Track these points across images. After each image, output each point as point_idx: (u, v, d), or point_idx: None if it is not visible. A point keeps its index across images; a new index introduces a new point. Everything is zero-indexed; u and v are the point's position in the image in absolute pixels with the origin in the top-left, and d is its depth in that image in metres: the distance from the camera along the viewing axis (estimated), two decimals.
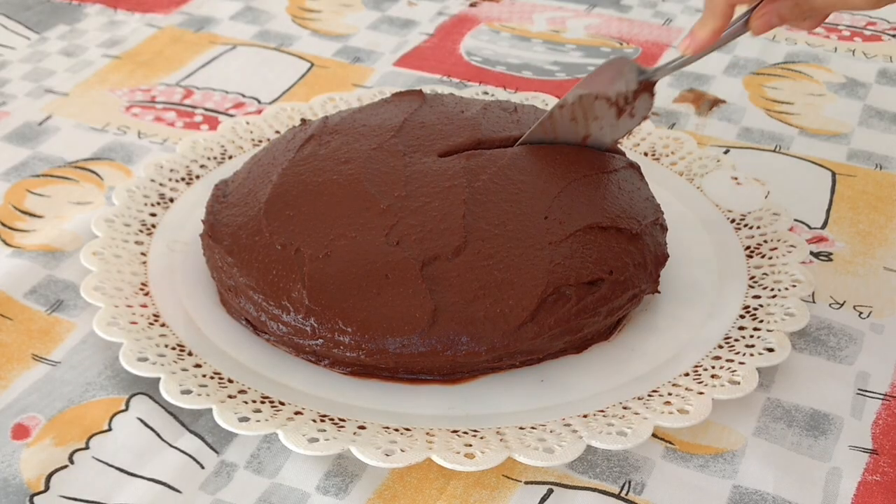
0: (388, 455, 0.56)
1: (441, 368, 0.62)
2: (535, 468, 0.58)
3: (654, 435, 0.59)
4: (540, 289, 0.61)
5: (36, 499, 0.57)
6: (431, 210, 0.65)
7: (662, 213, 0.70)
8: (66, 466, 0.59)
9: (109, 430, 0.61)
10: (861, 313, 0.69)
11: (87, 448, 0.60)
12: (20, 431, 0.61)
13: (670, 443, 0.60)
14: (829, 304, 0.70)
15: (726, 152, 0.85)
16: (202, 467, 0.59)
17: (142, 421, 0.61)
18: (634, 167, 0.72)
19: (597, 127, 0.71)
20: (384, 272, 0.62)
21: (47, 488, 0.58)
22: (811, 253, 0.74)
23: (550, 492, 0.58)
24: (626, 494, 0.58)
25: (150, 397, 0.63)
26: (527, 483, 0.58)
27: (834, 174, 0.83)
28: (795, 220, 0.77)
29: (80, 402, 0.63)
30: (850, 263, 0.73)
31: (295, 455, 0.59)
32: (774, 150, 0.86)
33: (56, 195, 0.80)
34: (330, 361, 0.63)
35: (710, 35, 0.63)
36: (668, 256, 0.68)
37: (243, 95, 0.93)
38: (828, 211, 0.79)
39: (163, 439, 0.60)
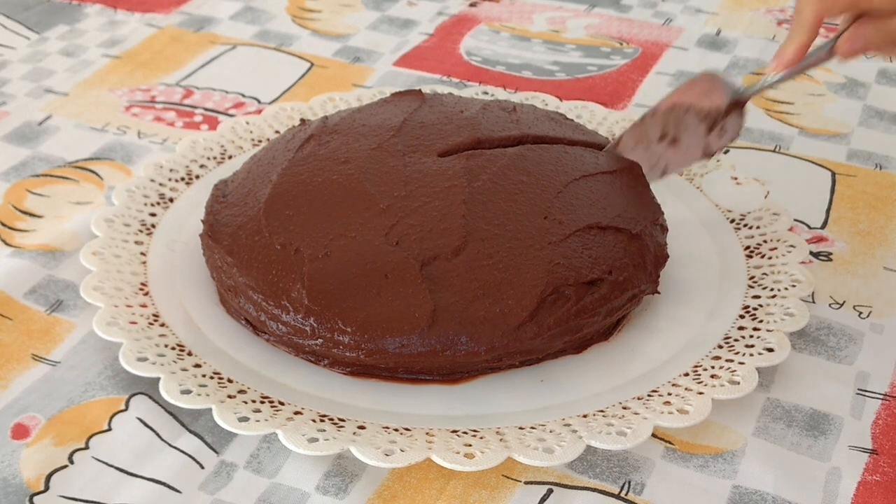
0: (387, 455, 0.56)
1: (440, 368, 0.62)
2: (535, 468, 0.58)
3: (653, 435, 0.59)
4: (539, 289, 0.61)
5: (36, 499, 0.57)
6: (431, 210, 0.65)
7: (663, 214, 0.70)
8: (65, 466, 0.59)
9: (109, 429, 0.61)
10: (861, 313, 0.69)
11: (86, 448, 0.60)
12: (20, 431, 0.61)
13: (670, 443, 0.60)
14: (829, 304, 0.70)
15: (726, 152, 0.85)
16: (202, 467, 0.59)
17: (141, 421, 0.61)
18: (635, 166, 0.72)
19: (686, 139, 0.70)
20: (384, 272, 0.62)
21: (47, 488, 0.58)
22: (811, 253, 0.74)
23: (550, 492, 0.58)
24: (626, 494, 0.58)
25: (150, 397, 0.62)
26: (526, 483, 0.58)
27: (834, 174, 0.83)
28: (795, 219, 0.76)
29: (80, 401, 0.63)
30: (849, 263, 0.73)
31: (295, 455, 0.59)
32: (774, 150, 0.86)
33: (56, 195, 0.80)
34: (329, 361, 0.63)
35: (797, 51, 0.62)
36: (668, 257, 0.68)
37: (243, 95, 0.93)
38: (827, 211, 0.79)
39: (162, 439, 0.60)
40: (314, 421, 0.59)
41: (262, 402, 0.60)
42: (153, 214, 0.75)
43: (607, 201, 0.68)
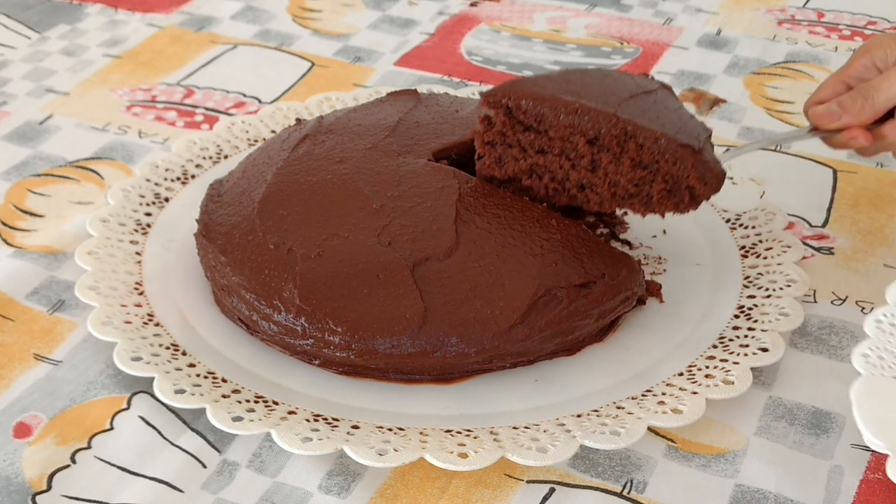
0: (381, 455, 0.56)
1: (431, 369, 0.62)
2: (538, 467, 0.58)
3: (656, 434, 0.59)
4: (531, 291, 0.61)
5: (38, 498, 0.57)
6: (424, 210, 0.65)
7: (711, 130, 0.67)
8: (67, 465, 0.59)
9: (111, 428, 0.61)
10: (863, 308, 0.69)
11: (88, 447, 0.60)
12: (22, 430, 0.61)
13: (672, 441, 0.60)
14: (832, 301, 0.70)
15: (726, 151, 0.85)
16: (204, 466, 0.59)
17: (143, 419, 0.61)
18: (669, 88, 0.69)
19: None
20: (376, 272, 0.62)
21: (49, 487, 0.58)
22: (813, 247, 0.74)
23: (552, 491, 0.58)
24: (628, 493, 0.57)
25: (152, 395, 0.62)
26: (529, 482, 0.58)
27: (835, 172, 0.83)
28: (797, 217, 0.76)
29: (82, 401, 0.63)
30: (850, 260, 0.73)
31: (297, 454, 0.59)
32: (775, 149, 0.86)
33: (57, 195, 0.80)
34: (321, 361, 0.63)
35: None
36: (725, 173, 0.66)
37: (244, 95, 0.93)
38: (829, 209, 0.78)
39: (165, 438, 0.60)
40: (308, 420, 0.59)
41: (257, 402, 0.60)
42: (148, 214, 0.75)
43: (661, 119, 0.65)
